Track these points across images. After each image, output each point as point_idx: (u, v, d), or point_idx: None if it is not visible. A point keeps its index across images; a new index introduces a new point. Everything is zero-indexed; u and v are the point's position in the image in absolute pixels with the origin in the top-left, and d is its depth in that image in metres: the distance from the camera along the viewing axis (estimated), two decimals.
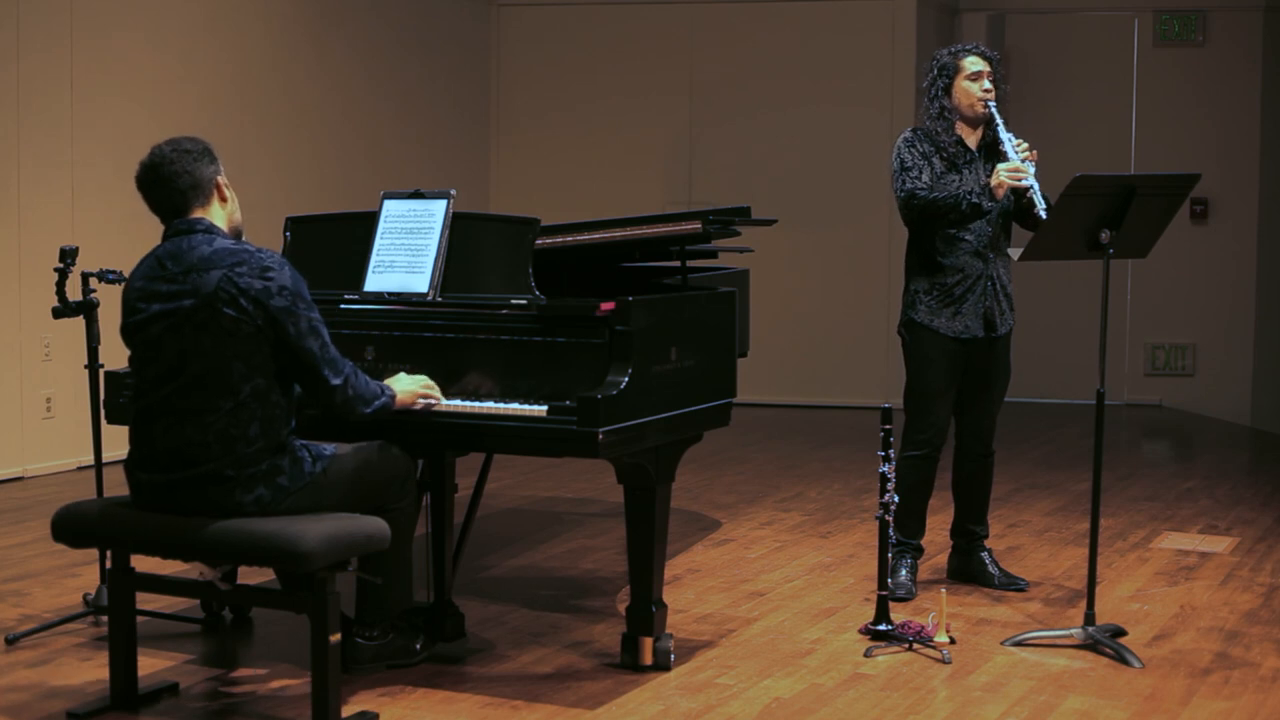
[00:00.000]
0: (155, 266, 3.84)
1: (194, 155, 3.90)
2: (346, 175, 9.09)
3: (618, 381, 3.99)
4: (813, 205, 10.32)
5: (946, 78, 5.16)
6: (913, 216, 5.10)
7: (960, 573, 5.42)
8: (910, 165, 5.12)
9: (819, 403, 10.45)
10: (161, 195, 3.89)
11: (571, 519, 6.61)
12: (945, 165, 5.15)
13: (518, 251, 4.32)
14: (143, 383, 3.84)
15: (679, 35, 10.69)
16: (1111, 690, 4.26)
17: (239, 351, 3.72)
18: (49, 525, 3.94)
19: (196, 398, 3.73)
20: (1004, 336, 5.26)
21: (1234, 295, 10.51)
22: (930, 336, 5.18)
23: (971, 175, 5.16)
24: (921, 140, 5.17)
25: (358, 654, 4.24)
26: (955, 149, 5.15)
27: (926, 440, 5.20)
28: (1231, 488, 7.55)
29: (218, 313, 3.71)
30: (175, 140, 3.95)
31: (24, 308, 7.23)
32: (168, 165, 3.87)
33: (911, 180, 5.09)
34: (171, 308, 3.75)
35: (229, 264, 3.74)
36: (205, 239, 3.81)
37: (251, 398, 3.74)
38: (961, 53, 5.19)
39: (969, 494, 5.39)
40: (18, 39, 7.18)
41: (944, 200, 5.04)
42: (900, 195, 5.10)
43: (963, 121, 5.18)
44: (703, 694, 4.18)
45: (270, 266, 3.76)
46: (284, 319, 3.75)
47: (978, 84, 5.13)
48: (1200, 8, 10.53)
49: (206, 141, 3.99)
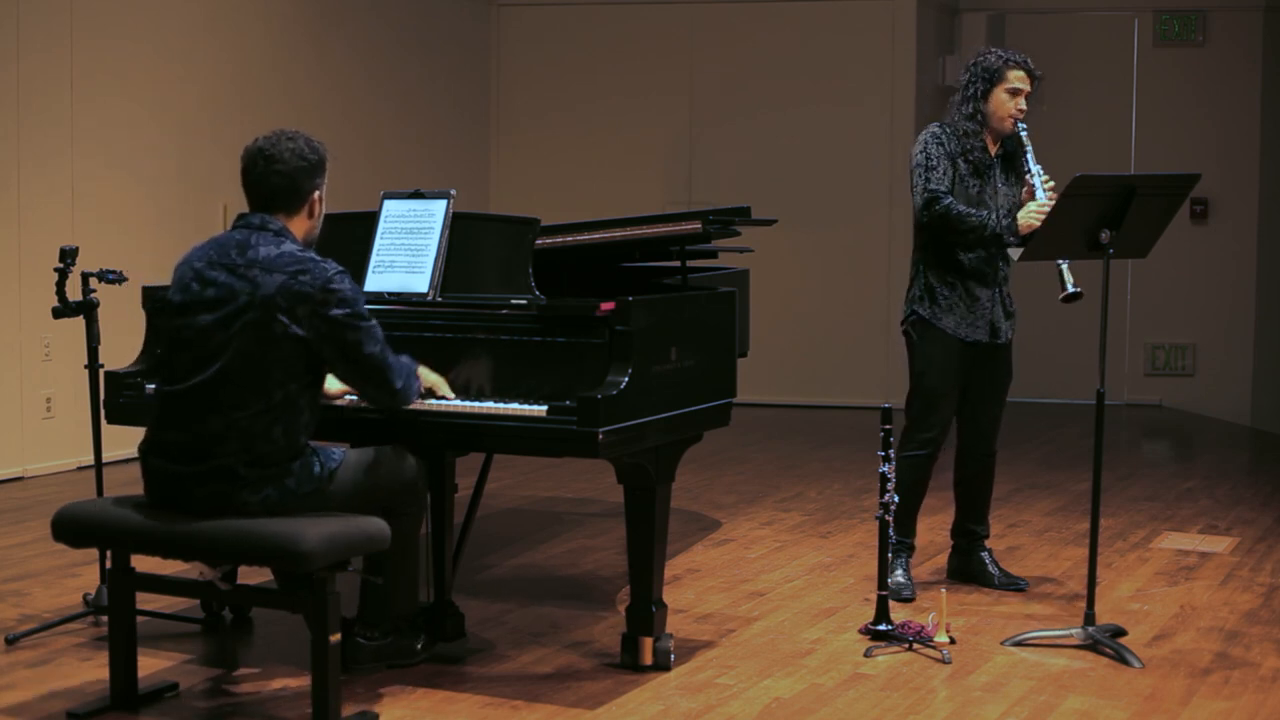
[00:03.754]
0: (219, 252, 3.81)
1: (306, 164, 3.87)
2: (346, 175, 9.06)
3: (618, 381, 3.99)
4: (813, 205, 10.32)
5: (987, 83, 5.09)
6: (930, 220, 5.06)
7: (960, 572, 5.42)
8: (935, 164, 5.06)
9: (819, 403, 10.45)
10: (254, 184, 3.87)
11: (571, 519, 6.61)
12: (970, 169, 5.11)
13: (518, 251, 4.32)
14: (174, 368, 3.82)
15: (679, 35, 10.70)
16: (1111, 690, 4.26)
17: (281, 357, 3.71)
18: (49, 525, 3.93)
19: (228, 393, 3.72)
20: (1006, 344, 5.26)
21: (1234, 295, 10.52)
22: (938, 336, 5.16)
23: (990, 184, 5.12)
24: (950, 139, 5.11)
25: (358, 654, 4.24)
26: (981, 154, 5.11)
27: (930, 440, 5.19)
28: (1231, 488, 7.55)
29: (271, 317, 3.69)
30: (298, 139, 3.89)
31: (24, 308, 7.23)
32: (274, 162, 3.84)
33: (936, 181, 5.04)
34: (226, 298, 3.73)
35: (293, 270, 3.73)
36: (274, 239, 3.80)
37: (282, 402, 3.74)
38: (1011, 63, 5.09)
39: (971, 494, 5.39)
40: (18, 39, 7.17)
41: (969, 220, 5.00)
42: (922, 195, 5.03)
43: (990, 129, 5.13)
44: (703, 694, 4.18)
45: (332, 278, 3.75)
46: (342, 331, 3.74)
47: (1014, 101, 5.07)
48: (1200, 8, 10.53)
49: (324, 151, 3.94)
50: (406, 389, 3.91)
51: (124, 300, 5.43)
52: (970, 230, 5.02)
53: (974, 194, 5.11)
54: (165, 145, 8.00)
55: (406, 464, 4.08)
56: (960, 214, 5.02)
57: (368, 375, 3.84)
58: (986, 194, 5.13)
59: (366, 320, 3.81)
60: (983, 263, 5.14)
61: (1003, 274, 5.20)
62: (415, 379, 3.96)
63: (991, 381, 5.27)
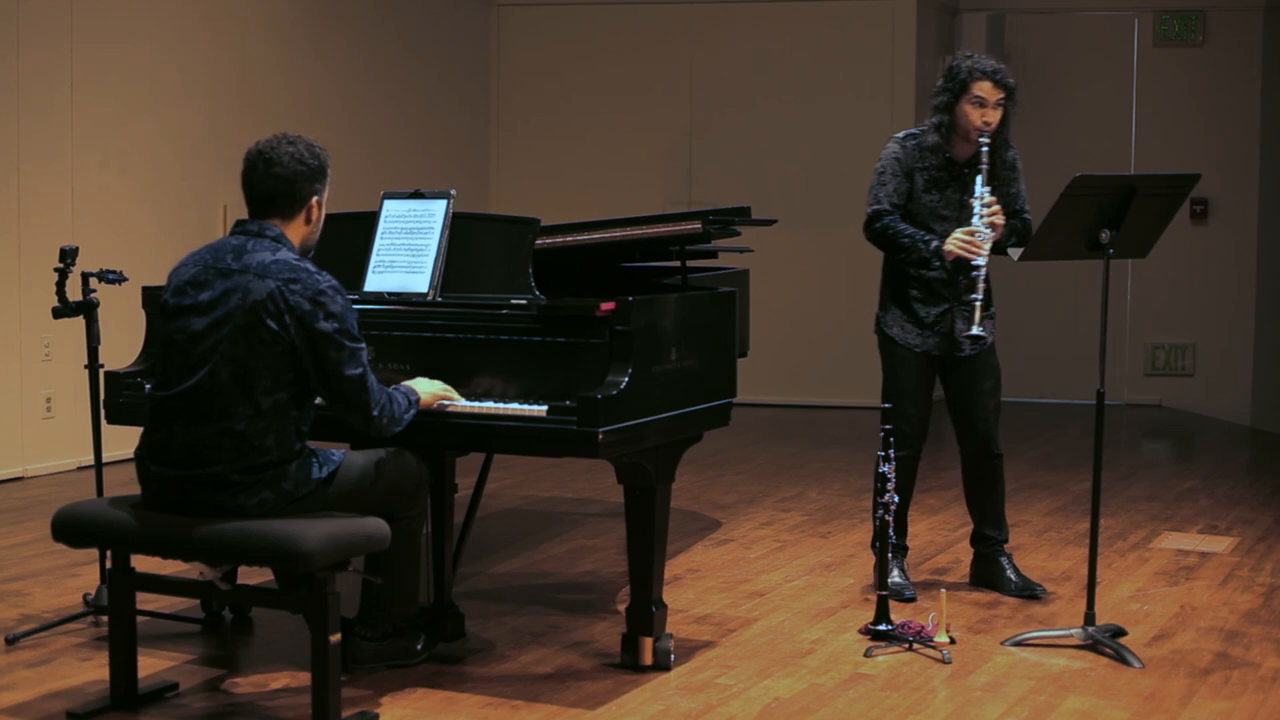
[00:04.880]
0: (214, 256, 3.82)
1: (305, 169, 3.85)
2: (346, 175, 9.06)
3: (618, 381, 3.99)
4: (813, 205, 10.32)
5: (953, 93, 5.00)
6: (871, 236, 5.08)
7: (980, 578, 5.38)
8: (885, 180, 5.05)
9: (819, 403, 10.45)
10: (252, 186, 3.86)
11: (571, 519, 6.61)
12: (926, 183, 5.07)
13: (518, 251, 4.32)
14: (167, 373, 3.82)
15: (679, 35, 10.70)
16: (1111, 690, 4.26)
17: (269, 364, 3.70)
18: (49, 525, 3.93)
19: (218, 400, 3.71)
20: (973, 355, 5.16)
21: (1234, 295, 10.51)
22: (893, 345, 5.17)
23: (949, 196, 5.06)
24: (911, 152, 5.06)
25: (358, 654, 4.24)
26: (940, 169, 5.05)
27: (904, 440, 5.15)
28: (1231, 488, 7.55)
29: (260, 322, 3.68)
30: (298, 143, 3.87)
31: (24, 308, 7.23)
32: (275, 165, 3.83)
33: (883, 197, 5.03)
34: (217, 303, 3.73)
35: (284, 278, 3.71)
36: (270, 246, 3.79)
37: (271, 410, 3.73)
38: (978, 73, 4.96)
39: (980, 499, 5.34)
40: (18, 38, 7.17)
41: (901, 239, 5.00)
42: (867, 209, 5.07)
43: (957, 138, 5.04)
44: (703, 694, 4.18)
45: (323, 291, 3.73)
46: (325, 345, 3.72)
47: (980, 113, 4.96)
48: (1200, 8, 10.52)
49: (326, 158, 3.92)
50: (384, 417, 3.85)
51: (124, 300, 5.44)
52: (903, 250, 5.02)
53: (931, 208, 5.07)
54: (165, 145, 8.00)
55: (407, 465, 4.08)
56: (895, 233, 5.01)
57: (345, 397, 3.79)
58: (945, 205, 5.07)
59: (354, 341, 3.77)
60: (937, 277, 5.08)
61: (966, 285, 5.02)
62: (401, 409, 3.90)
63: (970, 387, 5.19)
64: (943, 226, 5.04)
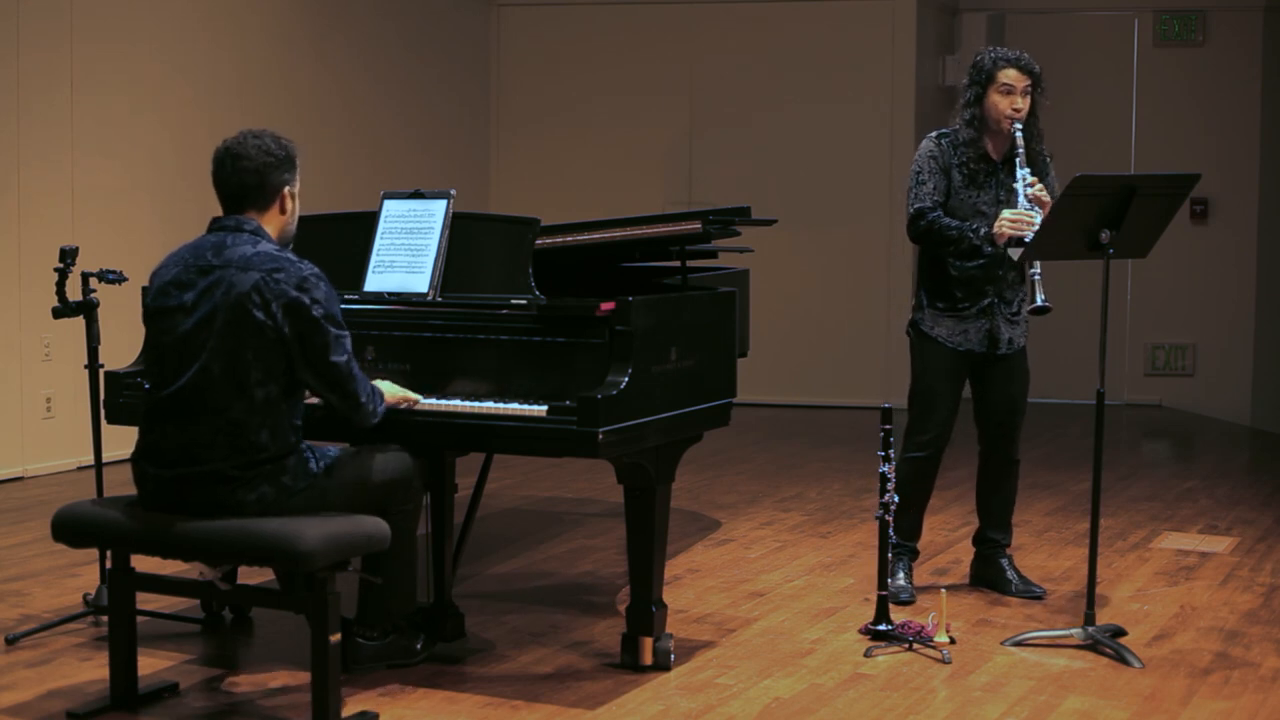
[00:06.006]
0: (194, 255, 3.84)
1: (273, 159, 3.90)
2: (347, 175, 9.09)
3: (618, 381, 3.99)
4: (813, 205, 10.32)
5: (980, 85, 5.01)
6: (917, 235, 5.06)
7: (980, 578, 5.38)
8: (925, 179, 5.03)
9: (819, 403, 10.45)
10: (223, 183, 3.91)
11: (571, 519, 6.61)
12: (965, 179, 5.06)
13: (518, 251, 4.31)
14: (160, 373, 3.83)
15: (679, 35, 10.69)
16: (1111, 690, 4.26)
17: (259, 356, 3.71)
18: (49, 525, 3.93)
19: (210, 396, 3.72)
20: (1011, 354, 5.18)
21: (1234, 295, 10.51)
22: (931, 343, 5.15)
23: (990, 192, 5.06)
24: (946, 150, 5.06)
25: (358, 654, 4.24)
26: (977, 164, 5.06)
27: (929, 442, 5.16)
28: (1231, 488, 7.55)
29: (246, 314, 3.70)
30: (264, 136, 3.94)
31: (24, 308, 7.23)
32: (242, 159, 3.89)
33: (924, 196, 5.02)
34: (203, 300, 3.75)
35: (268, 269, 3.74)
36: (250, 239, 3.82)
37: (264, 403, 3.73)
38: (1001, 62, 4.99)
39: (992, 501, 5.33)
40: (18, 38, 7.17)
41: (948, 233, 4.98)
42: (909, 210, 5.06)
43: (989, 133, 5.05)
44: (703, 694, 4.18)
45: (307, 278, 3.75)
46: (312, 333, 3.74)
47: (1008, 100, 4.98)
48: (1200, 8, 10.53)
49: (293, 149, 3.98)
50: (370, 404, 3.90)
51: (124, 300, 5.43)
52: (952, 242, 5.00)
53: (971, 204, 5.07)
54: (165, 145, 8.00)
55: (400, 459, 4.09)
56: (942, 227, 4.99)
57: (331, 383, 3.82)
58: (984, 202, 5.07)
59: (339, 327, 3.80)
60: (980, 272, 5.08)
61: (1007, 282, 5.10)
62: (380, 400, 3.95)
63: (1002, 389, 5.19)
64: (981, 222, 5.02)
